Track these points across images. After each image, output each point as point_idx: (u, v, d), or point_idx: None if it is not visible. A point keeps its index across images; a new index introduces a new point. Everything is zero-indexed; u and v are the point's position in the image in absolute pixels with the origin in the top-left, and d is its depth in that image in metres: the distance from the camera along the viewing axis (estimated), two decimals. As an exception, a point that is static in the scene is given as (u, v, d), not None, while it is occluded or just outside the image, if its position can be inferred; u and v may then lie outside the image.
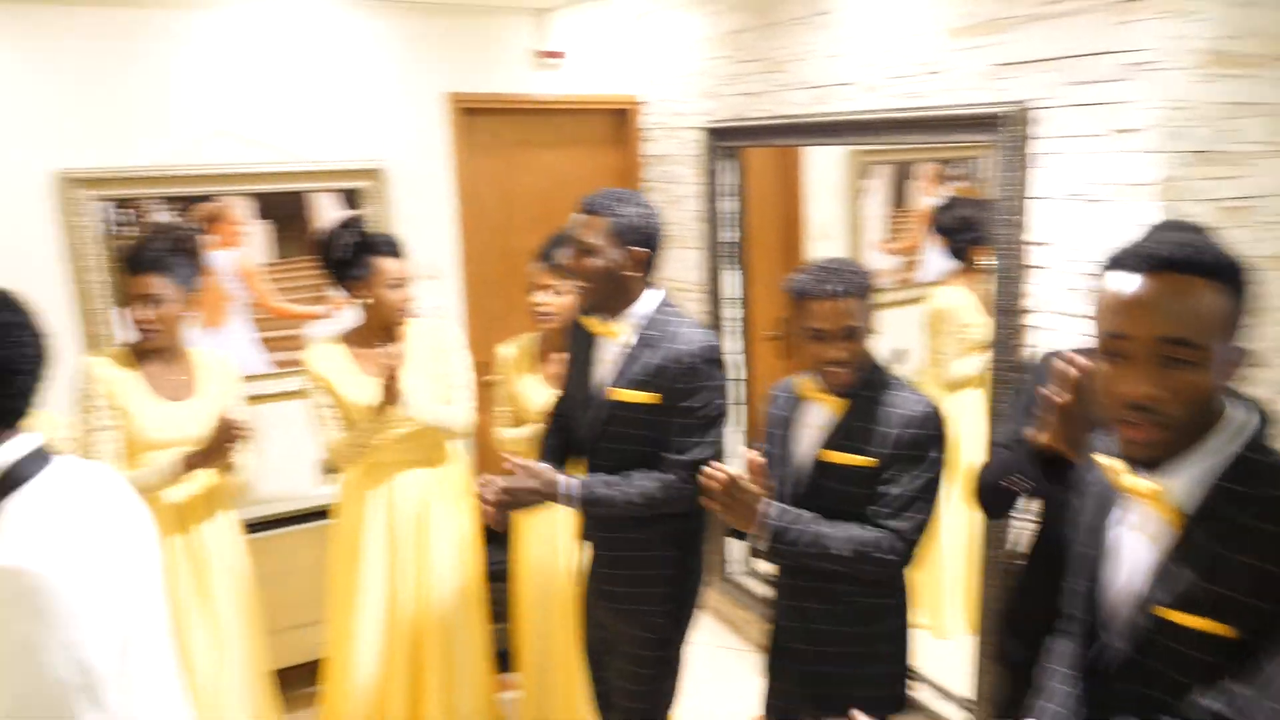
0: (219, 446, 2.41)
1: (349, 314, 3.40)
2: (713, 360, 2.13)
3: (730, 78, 3.44)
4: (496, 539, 2.93)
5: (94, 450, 2.43)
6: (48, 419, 2.37)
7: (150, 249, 2.43)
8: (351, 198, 3.55)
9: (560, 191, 3.97)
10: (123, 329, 3.24)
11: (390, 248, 2.63)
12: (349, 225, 2.67)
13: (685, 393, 2.09)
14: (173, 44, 3.20)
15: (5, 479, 1.24)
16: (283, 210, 3.46)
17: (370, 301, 2.64)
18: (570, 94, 3.90)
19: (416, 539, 2.75)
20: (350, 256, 2.59)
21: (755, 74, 3.31)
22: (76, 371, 2.46)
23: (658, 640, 2.26)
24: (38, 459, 1.27)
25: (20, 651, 1.13)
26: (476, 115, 3.75)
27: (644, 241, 2.14)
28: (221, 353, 2.71)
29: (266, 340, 3.53)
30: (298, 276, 3.53)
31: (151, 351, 2.51)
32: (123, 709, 1.23)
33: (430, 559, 2.76)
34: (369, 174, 3.55)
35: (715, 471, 1.82)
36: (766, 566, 2.60)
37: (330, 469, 3.56)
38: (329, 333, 2.79)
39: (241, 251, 3.41)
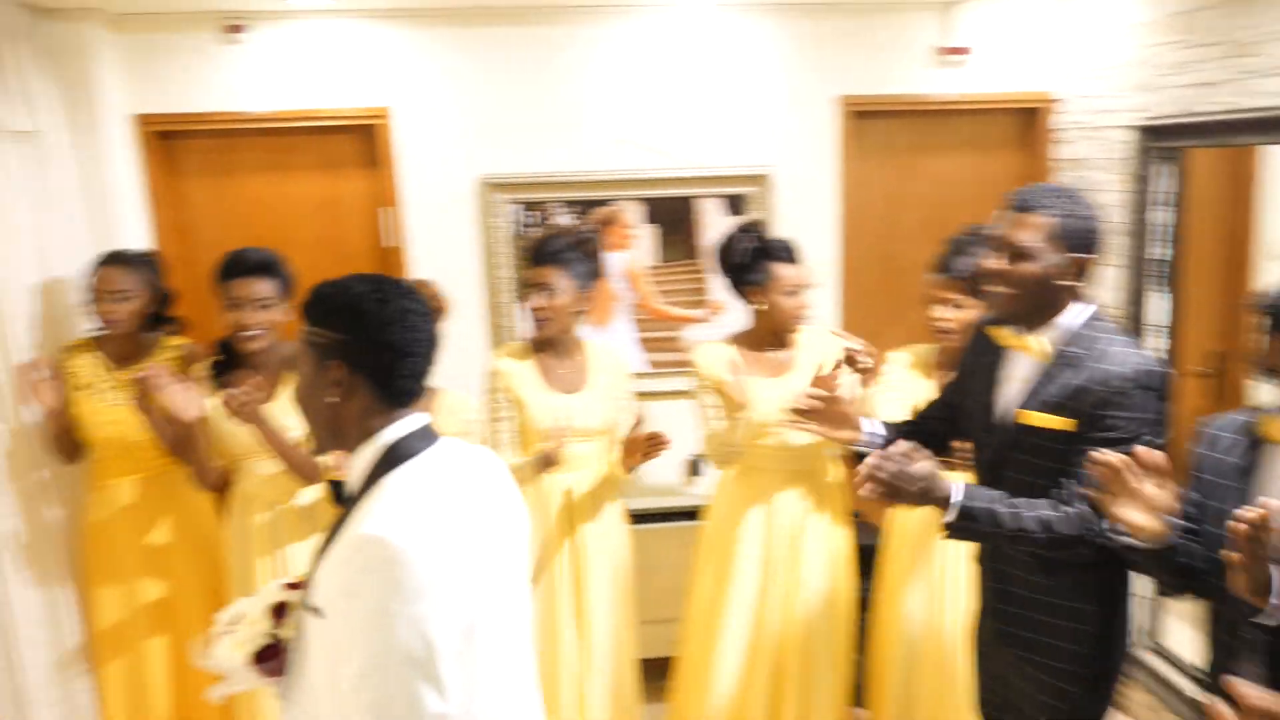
0: (637, 452, 2.50)
1: (729, 318, 3.39)
2: (1148, 386, 1.77)
3: (1175, 66, 2.92)
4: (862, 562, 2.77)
5: (496, 438, 2.63)
6: (459, 401, 2.59)
7: (552, 244, 2.59)
8: (736, 203, 3.54)
9: (951, 199, 3.66)
10: (523, 322, 3.50)
11: (787, 254, 2.58)
12: (748, 230, 2.65)
13: (1106, 420, 1.76)
14: (584, 58, 3.40)
15: (389, 454, 1.31)
16: (669, 215, 3.54)
17: (764, 307, 2.60)
18: (973, 93, 3.57)
19: (790, 556, 2.66)
20: (748, 261, 2.57)
21: (1212, 60, 2.78)
22: (486, 365, 2.68)
23: (1068, 713, 1.93)
24: (422, 438, 1.33)
25: (373, 618, 1.17)
26: (868, 118, 3.57)
27: (1086, 246, 1.84)
28: (615, 348, 2.80)
29: (645, 341, 3.63)
30: (679, 280, 3.59)
31: (548, 345, 2.65)
32: (461, 690, 1.23)
33: (801, 577, 2.65)
34: (754, 179, 3.52)
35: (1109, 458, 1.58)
36: (1181, 644, 2.14)
37: (695, 471, 3.58)
38: (720, 334, 2.80)
39: (630, 254, 3.54)
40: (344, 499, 1.36)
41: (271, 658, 1.39)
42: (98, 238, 3.16)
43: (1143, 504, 1.56)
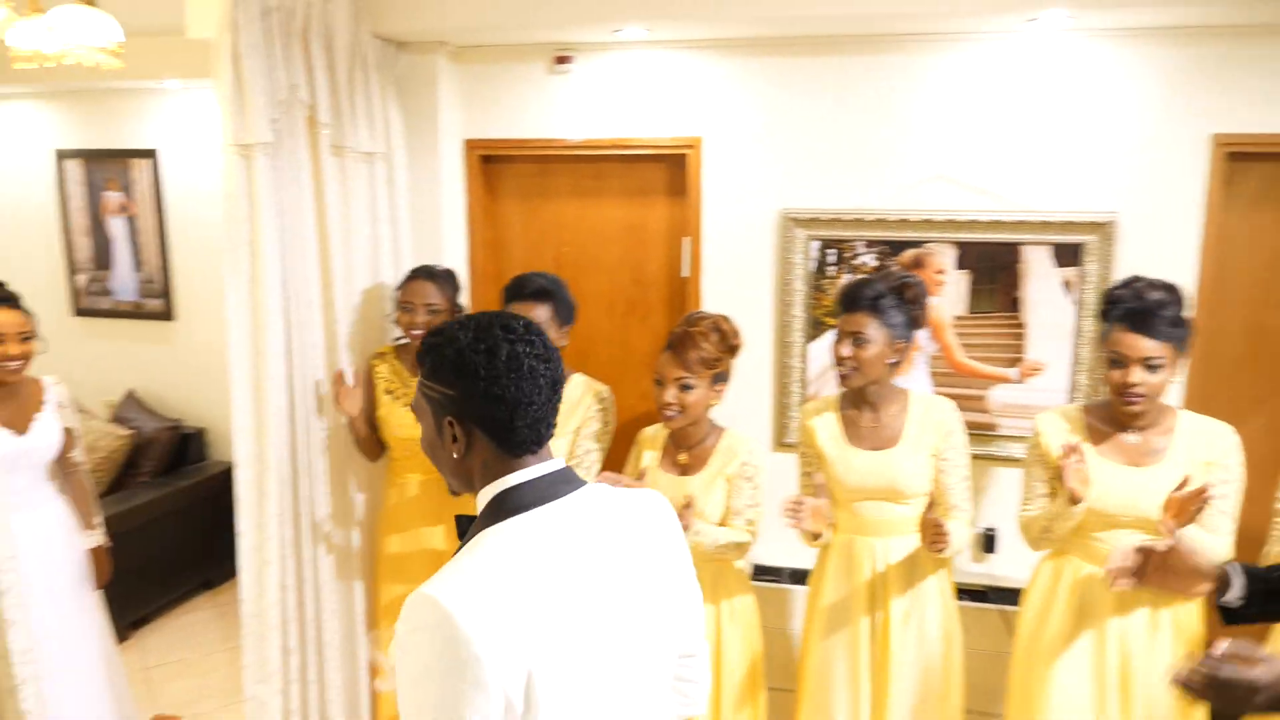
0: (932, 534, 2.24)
1: (1049, 381, 3.02)
2: None
3: None
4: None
5: (807, 490, 2.54)
6: (739, 442, 2.48)
7: (868, 289, 2.38)
8: (1068, 253, 3.12)
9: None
10: (814, 364, 3.32)
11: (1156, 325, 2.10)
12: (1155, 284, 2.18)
13: None
14: (904, 88, 3.16)
15: (496, 505, 1.21)
16: (984, 261, 3.20)
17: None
18: (1396, 134, 2.90)
19: (1123, 681, 2.24)
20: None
21: None
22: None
23: None
24: (540, 489, 1.22)
25: (414, 679, 1.10)
26: (1244, 161, 3.01)
27: None
28: (942, 404, 2.50)
29: (945, 395, 3.30)
30: (989, 333, 3.24)
31: (857, 397, 2.47)
32: None
33: (1135, 692, 2.22)
34: (1094, 227, 3.08)
35: None
36: None
37: (989, 548, 3.20)
38: (1066, 403, 2.47)
39: (936, 301, 3.24)
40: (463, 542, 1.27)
41: None
42: (424, 252, 3.41)
43: None
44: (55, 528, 2.73)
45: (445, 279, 2.92)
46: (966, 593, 3.06)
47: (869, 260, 3.27)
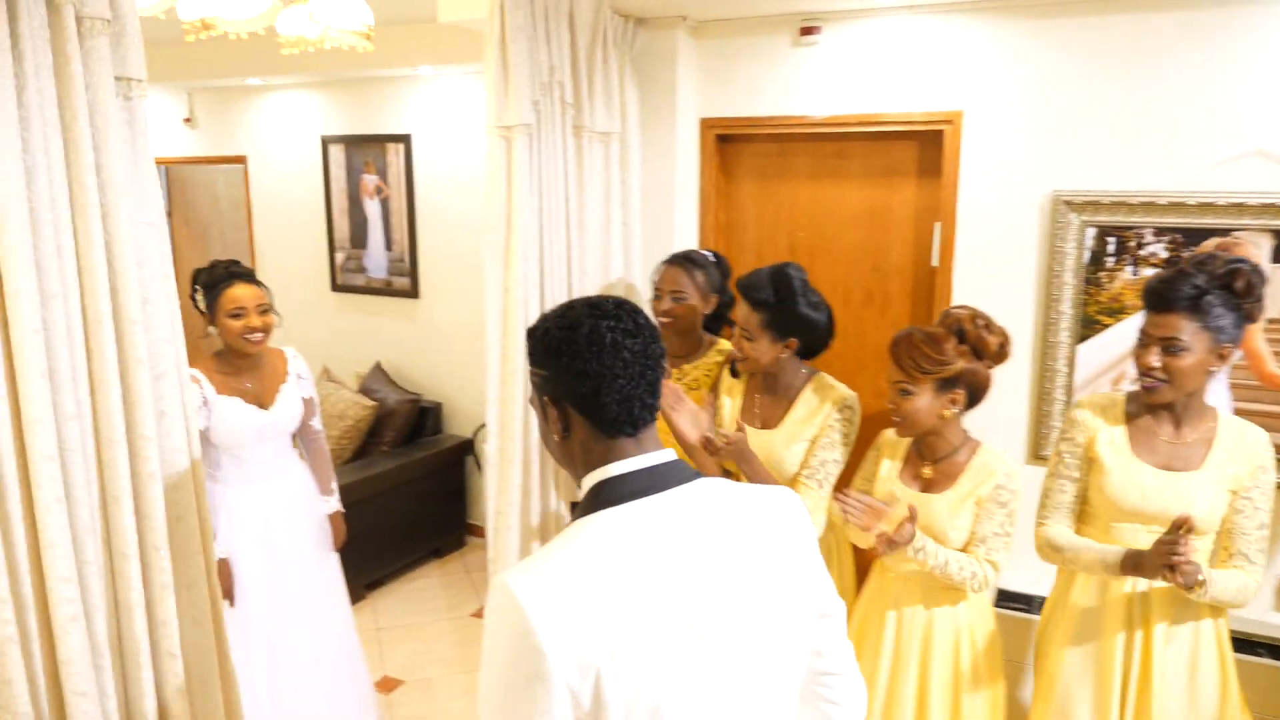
0: (1158, 561, 1.87)
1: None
2: None
3: None
4: None
5: (1051, 497, 2.17)
6: (993, 459, 2.16)
7: (1188, 284, 1.92)
8: None
9: None
10: (1081, 370, 2.92)
11: None
12: None
13: None
14: (1211, 51, 2.68)
15: (593, 496, 1.19)
16: (1311, 254, 2.66)
17: None
18: None
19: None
20: None
21: None
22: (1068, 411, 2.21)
23: None
24: (639, 482, 1.18)
25: (486, 658, 1.11)
26: None
27: None
28: (1253, 432, 2.05)
29: (1245, 413, 2.79)
30: (1314, 342, 2.70)
31: (1155, 408, 2.07)
32: None
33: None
34: None
35: None
36: None
37: (1302, 601, 2.68)
38: None
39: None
40: None
41: None
42: (655, 235, 3.32)
43: None
44: (299, 494, 2.86)
45: (699, 266, 2.76)
46: (1258, 643, 2.58)
47: (1158, 250, 2.82)
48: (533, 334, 1.25)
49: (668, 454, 1.22)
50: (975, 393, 2.17)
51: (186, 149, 5.52)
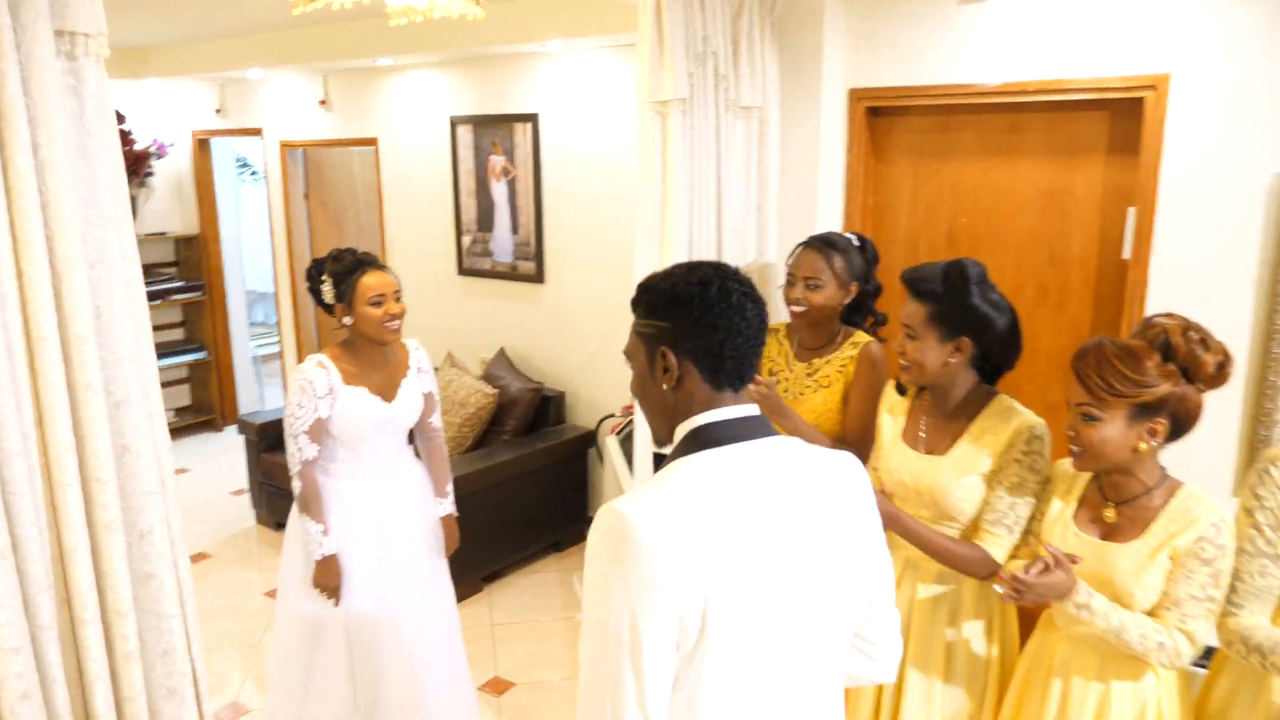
0: None
1: None
2: None
3: None
4: None
5: (1248, 580, 1.73)
6: (1196, 501, 1.73)
7: None
8: None
9: None
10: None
11: None
12: None
13: None
14: None
15: (694, 436, 1.25)
16: None
17: None
18: None
19: None
20: None
21: None
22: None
23: None
24: (737, 428, 1.25)
25: (596, 585, 1.16)
26: None
27: None
28: None
29: None
30: None
31: None
32: (666, 698, 1.15)
33: None
34: None
35: None
36: None
37: None
38: None
39: None
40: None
41: None
42: (794, 218, 2.99)
43: None
44: (414, 493, 2.72)
45: (839, 250, 2.42)
46: None
47: None
48: (653, 288, 1.31)
49: (753, 408, 1.29)
50: (1181, 423, 1.73)
51: (322, 131, 5.54)
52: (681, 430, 1.27)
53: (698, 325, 1.25)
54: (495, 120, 4.72)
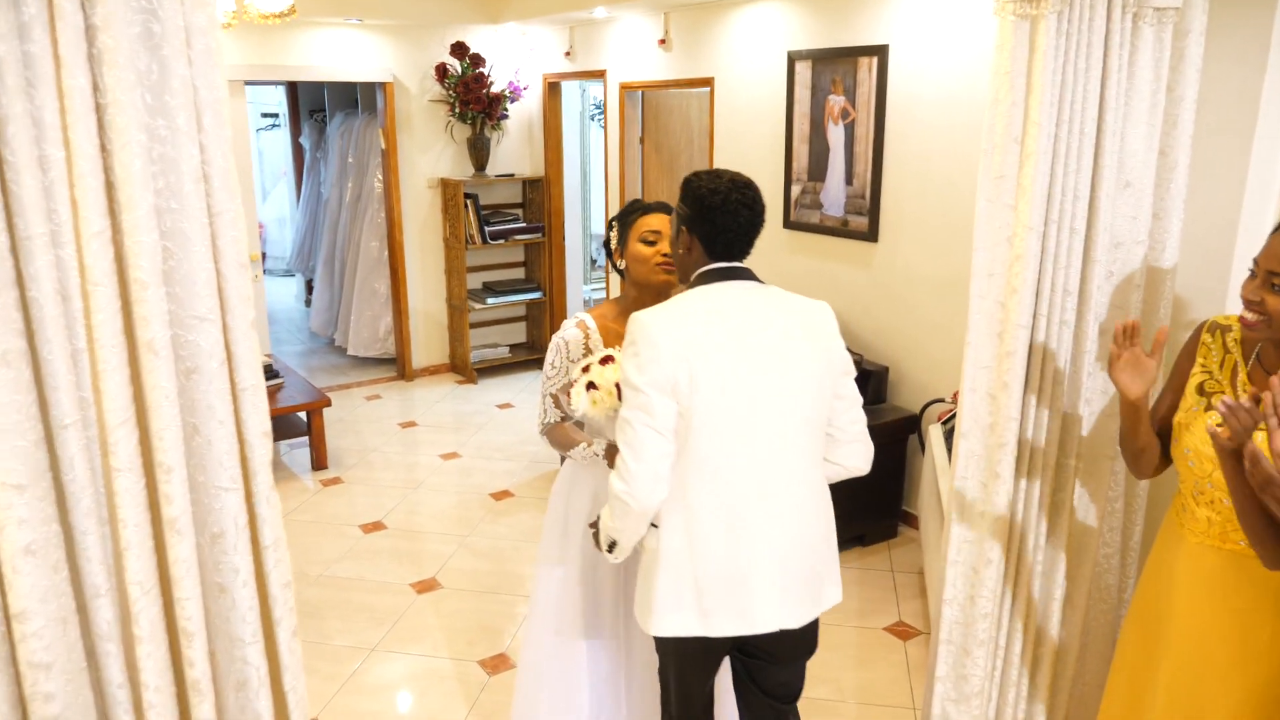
0: None
1: None
2: None
3: None
4: None
5: None
6: None
7: None
8: None
9: None
10: None
11: None
12: None
13: None
14: None
15: (696, 279, 1.85)
16: None
17: None
18: None
19: None
20: None
21: None
22: None
23: None
24: (723, 275, 1.83)
25: (624, 355, 1.79)
26: None
27: None
28: None
29: None
30: None
31: None
32: (671, 420, 1.75)
33: None
34: None
35: None
36: None
37: None
38: None
39: None
40: None
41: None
42: (1221, 170, 2.19)
43: None
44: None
45: None
46: None
47: None
48: (689, 184, 1.85)
49: (746, 267, 1.85)
50: None
51: (660, 72, 5.34)
52: (694, 276, 1.86)
53: (704, 219, 1.81)
54: (837, 55, 4.18)
